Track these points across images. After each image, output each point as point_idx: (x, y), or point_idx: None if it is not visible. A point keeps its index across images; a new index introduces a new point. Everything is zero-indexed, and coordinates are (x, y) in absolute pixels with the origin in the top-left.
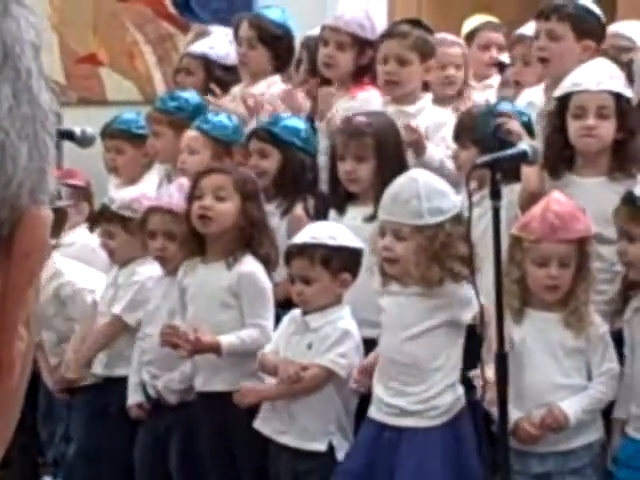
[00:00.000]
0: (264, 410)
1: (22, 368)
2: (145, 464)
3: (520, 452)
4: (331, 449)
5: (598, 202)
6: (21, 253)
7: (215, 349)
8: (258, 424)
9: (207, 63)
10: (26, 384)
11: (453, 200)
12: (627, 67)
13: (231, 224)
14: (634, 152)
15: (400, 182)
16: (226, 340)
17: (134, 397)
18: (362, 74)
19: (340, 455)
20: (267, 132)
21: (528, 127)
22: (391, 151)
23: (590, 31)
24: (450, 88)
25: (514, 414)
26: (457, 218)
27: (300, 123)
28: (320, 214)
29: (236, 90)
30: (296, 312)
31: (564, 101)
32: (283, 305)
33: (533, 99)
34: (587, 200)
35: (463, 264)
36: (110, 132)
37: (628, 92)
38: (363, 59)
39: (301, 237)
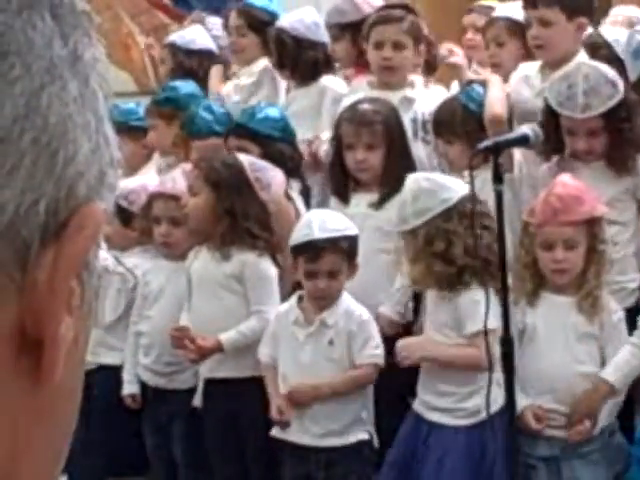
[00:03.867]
0: (295, 422)
1: (68, 364)
2: (153, 454)
3: (529, 435)
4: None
5: (595, 185)
6: (76, 226)
7: (218, 349)
8: (293, 437)
9: (174, 50)
10: (78, 394)
11: (442, 197)
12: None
13: (204, 216)
14: (630, 135)
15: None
16: (226, 337)
17: (130, 387)
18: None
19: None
20: (244, 129)
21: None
22: (397, 137)
23: (580, 8)
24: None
25: (522, 399)
26: (447, 213)
27: (276, 111)
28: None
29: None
30: (295, 314)
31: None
32: None
33: (529, 73)
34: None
35: (445, 262)
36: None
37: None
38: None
39: (322, 232)
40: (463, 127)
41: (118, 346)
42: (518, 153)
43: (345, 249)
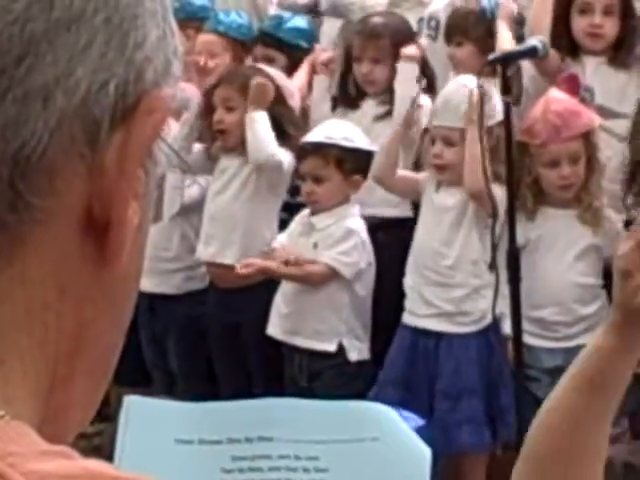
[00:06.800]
0: (275, 314)
1: (132, 251)
2: (152, 366)
3: (531, 347)
4: (341, 350)
5: (603, 80)
6: (145, 109)
7: None
8: (270, 330)
9: None
10: (138, 284)
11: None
12: None
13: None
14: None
15: (450, 88)
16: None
17: None
18: None
19: (352, 356)
20: (272, 37)
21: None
22: None
23: None
24: None
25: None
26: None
27: (303, 22)
28: None
29: None
30: (304, 213)
31: None
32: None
33: None
34: (594, 77)
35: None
36: None
37: None
38: None
39: (315, 136)
40: (474, 31)
41: None
42: (526, 77)
43: (333, 157)
